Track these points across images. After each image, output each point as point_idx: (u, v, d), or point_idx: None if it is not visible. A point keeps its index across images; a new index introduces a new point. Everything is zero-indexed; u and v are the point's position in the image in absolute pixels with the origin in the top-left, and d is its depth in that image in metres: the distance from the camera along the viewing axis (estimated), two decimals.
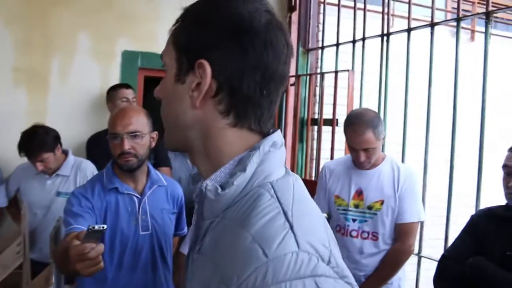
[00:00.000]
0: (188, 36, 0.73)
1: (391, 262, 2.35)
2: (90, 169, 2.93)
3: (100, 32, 3.52)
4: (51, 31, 3.41)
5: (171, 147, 0.82)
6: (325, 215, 2.46)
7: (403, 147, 2.87)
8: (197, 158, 0.78)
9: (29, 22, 3.36)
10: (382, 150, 2.81)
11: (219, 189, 0.70)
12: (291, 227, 0.62)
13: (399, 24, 3.68)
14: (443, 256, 2.04)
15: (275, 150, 0.74)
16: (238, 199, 0.70)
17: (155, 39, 3.59)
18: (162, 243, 1.91)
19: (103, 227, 1.21)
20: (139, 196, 1.88)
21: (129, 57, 3.60)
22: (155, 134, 1.91)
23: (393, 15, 4.32)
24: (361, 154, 2.34)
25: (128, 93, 3.23)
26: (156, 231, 1.89)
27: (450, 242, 2.48)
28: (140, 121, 1.84)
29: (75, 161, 2.96)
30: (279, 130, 0.78)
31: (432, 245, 2.84)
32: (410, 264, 2.74)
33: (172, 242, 2.06)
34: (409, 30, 2.85)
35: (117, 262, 1.80)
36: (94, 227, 1.21)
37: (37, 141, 2.74)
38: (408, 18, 2.87)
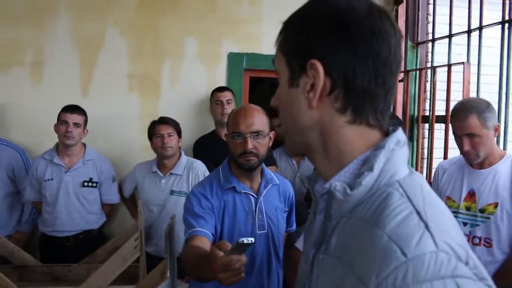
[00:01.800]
0: (294, 39, 0.75)
1: (506, 274, 2.11)
2: (201, 169, 3.06)
3: (205, 36, 3.65)
4: (160, 38, 3.61)
5: (293, 152, 0.84)
6: None
7: None
8: (318, 159, 0.79)
9: (141, 31, 3.59)
10: (504, 149, 2.57)
11: (348, 189, 0.70)
12: (427, 226, 0.61)
13: None
14: None
15: (399, 148, 0.73)
16: (365, 198, 0.70)
17: (259, 40, 3.64)
18: (276, 242, 1.90)
19: (251, 241, 1.19)
20: (255, 196, 1.88)
21: (234, 59, 3.68)
22: (272, 134, 1.90)
23: None
24: (464, 141, 2.17)
25: (222, 96, 3.32)
26: (271, 230, 1.88)
27: None
28: (262, 121, 1.83)
29: (187, 161, 3.12)
30: (401, 128, 0.76)
31: None
32: None
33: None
34: None
35: None
36: (243, 241, 1.19)
37: (170, 118, 3.12)
38: None
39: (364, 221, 0.67)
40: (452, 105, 3.10)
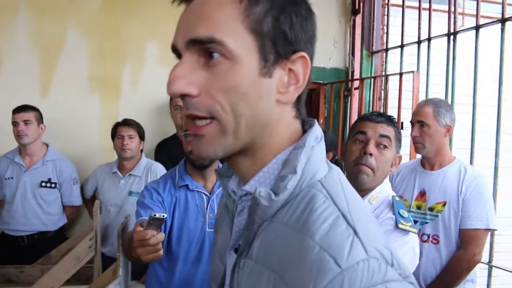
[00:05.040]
0: (276, 21, 0.64)
1: (452, 270, 2.23)
2: (160, 171, 3.10)
3: (167, 40, 3.60)
4: (122, 41, 3.63)
5: (223, 155, 0.67)
6: None
7: (471, 151, 2.73)
8: (244, 159, 0.70)
9: (103, 33, 3.60)
10: None
11: (273, 195, 0.65)
12: (355, 232, 0.60)
13: (471, 23, 3.51)
14: None
15: (317, 145, 0.69)
16: (287, 201, 0.66)
17: None
18: None
19: (163, 216, 1.26)
20: (208, 194, 1.94)
21: None
22: None
23: (463, 13, 4.16)
24: (415, 128, 2.34)
25: (179, 100, 3.33)
26: None
27: None
28: None
29: (147, 163, 3.16)
30: (316, 121, 0.73)
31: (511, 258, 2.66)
32: (479, 277, 2.59)
33: None
34: (477, 28, 2.72)
35: (183, 255, 1.87)
36: (155, 215, 1.26)
37: (133, 120, 3.13)
38: (476, 14, 2.74)
39: (288, 227, 0.64)
40: (403, 112, 3.26)
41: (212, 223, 1.90)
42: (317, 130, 0.71)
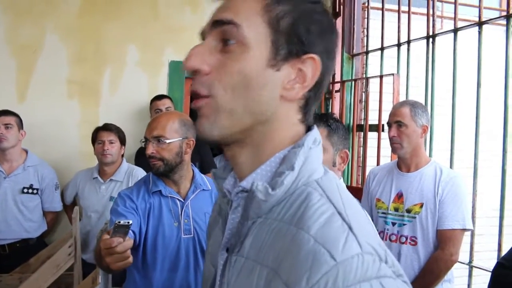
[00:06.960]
0: (294, 22, 0.68)
1: (430, 270, 2.24)
2: (141, 175, 3.06)
3: (147, 44, 3.66)
4: (102, 44, 3.59)
5: (222, 135, 0.69)
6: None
7: (451, 153, 2.76)
8: (243, 150, 0.72)
9: (82, 37, 3.56)
10: (429, 156, 2.73)
11: (270, 189, 0.67)
12: (350, 228, 0.61)
13: (449, 26, 3.55)
14: (498, 264, 1.91)
15: (315, 147, 0.71)
16: (283, 198, 0.67)
17: None
18: (204, 247, 1.90)
19: (128, 222, 1.26)
20: (182, 200, 1.90)
21: (176, 67, 3.71)
22: (191, 141, 1.90)
23: (441, 16, 4.22)
24: (392, 128, 2.35)
25: (160, 104, 3.35)
26: (198, 235, 1.88)
27: (504, 252, 2.36)
28: (167, 127, 1.83)
29: (128, 167, 3.13)
30: (316, 126, 0.75)
31: (492, 257, 2.68)
32: (461, 277, 2.62)
33: None
34: (455, 31, 2.75)
35: (159, 262, 1.83)
36: (119, 222, 1.26)
37: (114, 125, 3.09)
38: (454, 18, 2.78)
39: (283, 223, 0.65)
40: (383, 115, 3.28)
41: (187, 229, 1.87)
42: (316, 134, 0.73)
